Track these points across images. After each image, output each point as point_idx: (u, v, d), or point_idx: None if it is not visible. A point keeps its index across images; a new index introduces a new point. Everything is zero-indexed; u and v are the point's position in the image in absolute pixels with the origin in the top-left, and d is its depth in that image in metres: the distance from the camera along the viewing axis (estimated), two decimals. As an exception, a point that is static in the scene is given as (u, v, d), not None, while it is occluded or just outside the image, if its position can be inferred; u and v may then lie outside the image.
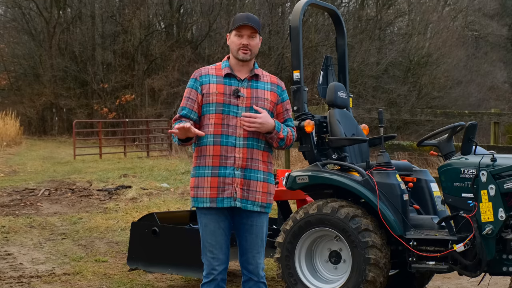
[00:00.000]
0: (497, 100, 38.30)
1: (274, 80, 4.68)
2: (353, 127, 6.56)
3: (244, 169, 4.47)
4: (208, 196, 4.48)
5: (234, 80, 4.54)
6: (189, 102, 4.54)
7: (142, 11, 37.76)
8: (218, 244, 4.51)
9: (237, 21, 4.52)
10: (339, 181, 5.97)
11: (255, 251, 4.57)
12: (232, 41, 4.55)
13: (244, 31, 4.51)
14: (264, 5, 36.66)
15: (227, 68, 4.57)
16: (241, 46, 4.51)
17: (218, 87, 4.50)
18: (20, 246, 8.87)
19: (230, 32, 4.57)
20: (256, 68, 4.62)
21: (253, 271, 4.58)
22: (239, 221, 4.56)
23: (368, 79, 34.68)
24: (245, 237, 4.56)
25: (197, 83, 4.56)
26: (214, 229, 4.50)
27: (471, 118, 11.07)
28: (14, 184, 15.05)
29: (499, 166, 5.52)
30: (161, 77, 36.46)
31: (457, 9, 41.65)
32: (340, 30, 7.03)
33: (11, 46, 41.61)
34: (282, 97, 4.66)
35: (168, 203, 12.27)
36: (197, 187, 4.52)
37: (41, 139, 36.38)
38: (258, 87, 4.57)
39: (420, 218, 6.03)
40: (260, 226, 4.56)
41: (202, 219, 4.54)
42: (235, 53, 4.53)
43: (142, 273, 7.35)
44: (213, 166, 4.46)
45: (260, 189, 4.53)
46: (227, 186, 4.45)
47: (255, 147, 4.51)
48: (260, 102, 4.53)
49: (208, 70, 4.61)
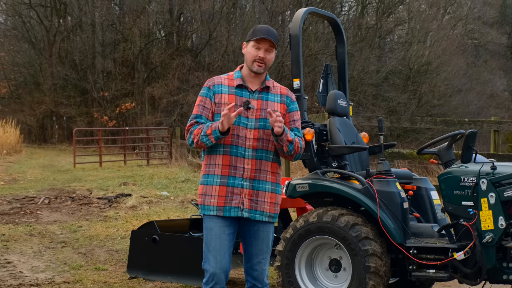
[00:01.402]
0: (497, 108, 38.32)
1: (284, 92, 4.71)
2: (353, 135, 6.56)
3: (252, 180, 4.51)
4: (215, 205, 4.50)
5: (246, 91, 4.58)
6: (204, 111, 4.56)
7: (142, 20, 37.84)
8: (222, 249, 4.50)
9: (258, 33, 4.54)
10: (339, 189, 5.97)
11: (261, 257, 4.58)
12: (248, 52, 4.57)
13: (262, 44, 4.54)
14: (264, 13, 36.74)
15: (239, 79, 4.59)
16: (257, 59, 4.54)
17: (229, 98, 4.53)
18: (20, 254, 8.86)
19: (248, 42, 4.59)
20: (268, 80, 4.65)
21: (258, 277, 4.60)
22: (245, 228, 4.59)
23: (368, 87, 34.72)
24: (251, 242, 4.58)
25: (211, 92, 4.57)
26: (219, 234, 4.51)
27: (471, 126, 11.08)
28: (14, 192, 15.04)
29: (499, 174, 5.52)
30: (161, 85, 36.51)
31: (457, 18, 41.74)
32: (340, 38, 7.04)
33: (12, 54, 41.70)
34: (290, 108, 4.67)
35: (168, 211, 12.26)
36: (204, 195, 4.55)
37: (41, 147, 36.40)
38: (269, 99, 4.60)
39: (420, 226, 6.03)
40: (266, 232, 4.59)
41: (208, 223, 4.55)
42: (250, 64, 4.56)
43: (142, 282, 7.34)
44: (222, 176, 4.50)
45: (268, 200, 4.58)
46: (235, 196, 4.49)
47: (263, 158, 4.55)
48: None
49: (221, 79, 4.63)
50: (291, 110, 4.68)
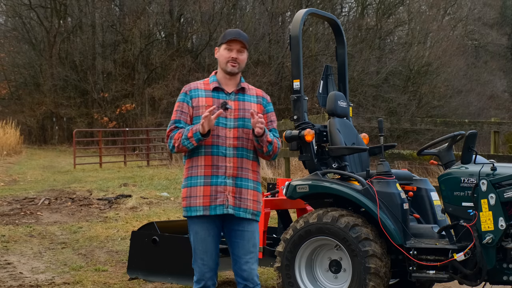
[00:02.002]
0: (497, 109, 38.34)
1: (260, 93, 4.87)
2: (353, 136, 6.56)
3: (235, 178, 4.63)
4: (201, 205, 4.62)
5: (222, 94, 4.72)
6: (182, 116, 4.73)
7: (142, 21, 37.85)
8: (208, 251, 4.65)
9: (228, 35, 4.71)
10: (339, 190, 5.97)
11: (248, 257, 4.66)
12: (221, 54, 4.73)
13: (234, 45, 4.70)
14: (264, 14, 36.74)
15: (215, 82, 4.75)
16: (230, 59, 4.69)
17: (207, 100, 4.68)
18: (20, 255, 8.86)
19: (220, 46, 4.75)
20: (243, 82, 4.81)
21: (248, 277, 4.65)
22: (230, 228, 4.68)
23: (368, 88, 34.71)
24: (237, 243, 4.67)
25: (187, 97, 4.74)
26: (205, 237, 4.65)
27: (471, 127, 11.07)
28: (14, 193, 15.04)
29: (499, 175, 5.52)
30: (161, 86, 36.51)
31: (457, 19, 41.74)
32: (340, 39, 7.05)
33: (12, 55, 41.70)
34: (267, 109, 4.83)
35: (168, 212, 12.26)
36: (189, 197, 4.68)
37: (41, 148, 36.40)
38: (245, 100, 4.75)
39: (420, 227, 6.03)
40: (251, 231, 4.68)
41: (193, 227, 4.69)
42: (224, 65, 4.72)
43: (142, 282, 7.34)
44: (205, 176, 4.62)
45: (250, 197, 4.69)
46: (219, 194, 4.60)
47: (244, 156, 4.67)
48: (247, 113, 4.68)
49: (197, 85, 4.80)
50: (268, 111, 4.83)
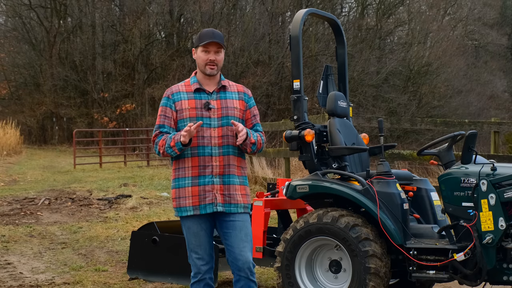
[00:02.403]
0: (497, 109, 38.33)
1: (241, 89, 4.96)
2: (353, 136, 6.56)
3: (222, 176, 4.75)
4: (190, 205, 4.74)
5: (204, 94, 4.81)
6: (166, 120, 4.83)
7: (142, 21, 37.83)
8: (201, 244, 4.78)
9: (204, 38, 4.77)
10: (339, 190, 5.97)
11: (241, 245, 4.73)
12: (199, 57, 4.81)
13: (210, 47, 4.78)
14: (264, 14, 36.73)
15: (196, 83, 4.84)
16: (208, 62, 4.78)
17: (189, 103, 4.78)
18: (20, 255, 8.86)
19: (196, 48, 4.82)
20: (223, 80, 4.90)
21: (243, 266, 4.73)
22: (221, 221, 4.79)
23: (368, 88, 34.69)
24: (229, 233, 4.76)
25: (170, 101, 4.84)
26: (197, 231, 4.77)
27: (471, 127, 11.07)
28: (14, 193, 15.04)
29: (499, 175, 5.52)
30: (161, 86, 36.47)
31: (457, 19, 41.73)
32: (340, 40, 7.04)
33: (12, 55, 41.68)
34: (249, 104, 4.94)
35: (168, 212, 12.26)
36: (179, 198, 4.78)
37: (41, 148, 36.40)
38: (227, 97, 4.84)
39: (420, 227, 6.03)
40: (242, 221, 4.78)
41: (185, 223, 4.82)
42: (203, 68, 4.80)
43: (142, 282, 7.34)
44: (192, 177, 4.73)
45: (239, 192, 4.81)
46: (207, 193, 4.72)
47: (230, 153, 4.79)
48: (230, 111, 4.80)
49: (178, 87, 4.88)
50: (250, 106, 4.94)
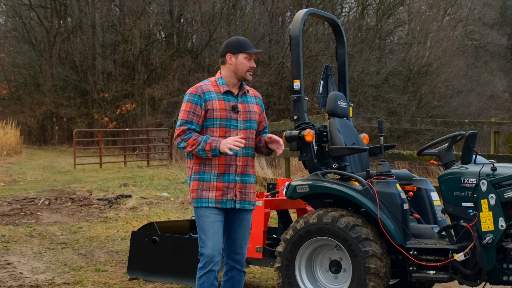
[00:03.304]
0: (497, 109, 38.33)
1: (256, 94, 5.25)
2: (353, 136, 6.56)
3: (241, 175, 5.03)
4: (213, 197, 4.95)
5: (231, 96, 5.04)
6: (195, 117, 4.96)
7: (142, 21, 37.84)
8: (218, 233, 4.95)
9: (247, 46, 5.03)
10: (339, 190, 5.97)
11: (243, 242, 5.11)
12: (241, 63, 5.02)
13: (252, 55, 5.05)
14: (264, 14, 36.74)
15: (225, 85, 5.04)
16: (250, 69, 5.04)
17: (220, 103, 4.97)
18: (20, 256, 8.86)
19: (235, 54, 5.02)
20: (244, 84, 5.14)
21: (240, 260, 5.10)
22: (232, 217, 5.06)
23: (368, 89, 34.70)
24: (235, 230, 5.07)
25: (201, 100, 4.97)
26: (215, 220, 4.95)
27: (471, 127, 11.07)
28: (14, 194, 15.04)
29: (499, 175, 5.52)
30: (161, 87, 36.51)
31: (457, 19, 41.73)
32: (340, 40, 7.04)
33: (12, 55, 41.71)
34: (263, 108, 5.26)
35: (168, 213, 12.26)
36: (201, 190, 4.96)
37: (41, 148, 36.42)
38: (249, 102, 5.12)
39: (420, 227, 6.03)
40: (248, 220, 5.13)
41: (203, 212, 4.96)
42: (244, 74, 5.03)
43: (142, 283, 7.34)
44: (218, 173, 4.95)
45: (252, 190, 5.13)
46: (230, 190, 4.98)
47: (250, 155, 5.09)
48: (253, 115, 5.09)
49: (208, 87, 5.03)
50: (263, 110, 5.26)
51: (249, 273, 7.77)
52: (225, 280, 5.14)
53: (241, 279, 5.14)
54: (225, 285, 5.14)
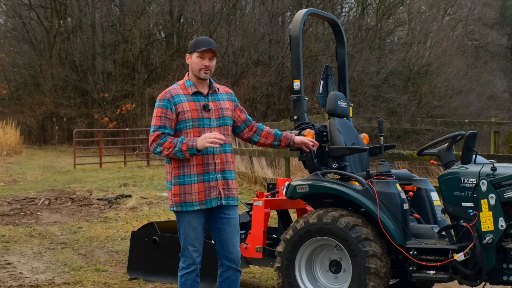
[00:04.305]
0: (497, 109, 38.34)
1: (227, 90, 5.37)
2: (353, 136, 6.56)
3: (223, 172, 5.09)
4: (197, 200, 5.02)
5: (201, 96, 5.13)
6: (167, 122, 5.03)
7: (142, 21, 37.85)
8: (199, 238, 5.08)
9: (201, 45, 5.09)
10: (339, 190, 5.96)
11: (234, 240, 5.14)
12: (194, 62, 5.11)
13: (206, 54, 5.10)
14: (264, 14, 36.74)
15: (193, 87, 5.14)
16: (203, 67, 5.09)
17: (190, 105, 5.06)
18: (20, 255, 8.86)
19: (191, 53, 5.13)
20: (213, 83, 5.23)
21: (234, 259, 5.13)
22: (217, 216, 5.13)
23: (368, 89, 34.71)
24: (224, 229, 5.12)
25: (171, 104, 5.05)
26: (196, 225, 5.06)
27: (471, 127, 11.06)
28: (14, 193, 15.05)
29: (499, 175, 5.51)
30: (161, 87, 36.46)
31: (457, 19, 41.75)
32: (340, 40, 7.04)
33: (12, 55, 41.71)
34: (236, 102, 5.37)
35: (168, 213, 12.26)
36: (184, 194, 5.02)
37: (41, 148, 36.42)
38: (220, 99, 5.21)
39: (420, 227, 6.03)
40: (235, 218, 5.17)
41: (185, 217, 5.05)
42: (197, 72, 5.11)
43: (142, 283, 7.34)
44: (197, 174, 5.02)
45: (234, 186, 5.20)
46: (212, 189, 5.04)
47: (228, 151, 5.15)
48: (225, 112, 5.17)
49: (176, 90, 5.13)
50: (237, 104, 5.37)
51: (249, 273, 7.77)
52: (221, 281, 5.17)
53: (237, 278, 5.16)
54: (221, 286, 5.17)
